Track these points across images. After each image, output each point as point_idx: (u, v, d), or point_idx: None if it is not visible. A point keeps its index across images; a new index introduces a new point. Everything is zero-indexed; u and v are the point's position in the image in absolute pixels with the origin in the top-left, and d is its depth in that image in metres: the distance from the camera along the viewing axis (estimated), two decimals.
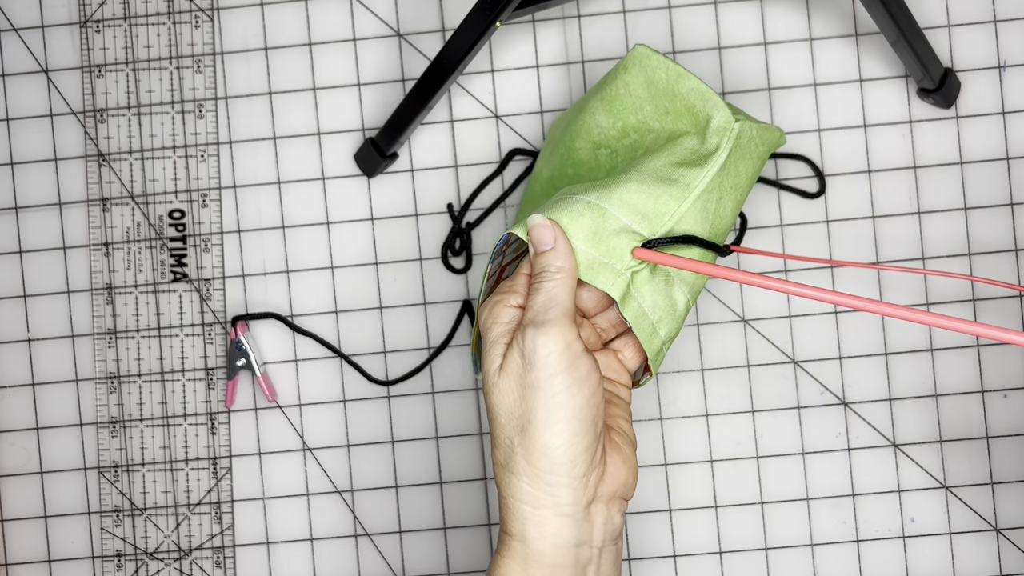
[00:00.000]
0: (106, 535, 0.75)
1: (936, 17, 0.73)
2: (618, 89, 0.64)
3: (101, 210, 0.75)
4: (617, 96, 0.64)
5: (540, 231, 0.55)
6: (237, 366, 0.73)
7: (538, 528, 0.52)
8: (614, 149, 0.65)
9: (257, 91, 0.74)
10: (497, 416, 0.53)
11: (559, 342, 0.52)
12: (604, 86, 0.65)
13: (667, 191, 0.57)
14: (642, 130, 0.64)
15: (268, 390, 0.73)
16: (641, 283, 0.57)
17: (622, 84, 0.64)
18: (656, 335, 0.58)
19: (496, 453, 0.54)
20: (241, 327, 0.73)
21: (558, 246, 0.54)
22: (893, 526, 0.72)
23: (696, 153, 0.60)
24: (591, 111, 0.66)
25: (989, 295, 0.72)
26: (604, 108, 0.65)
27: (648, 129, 0.64)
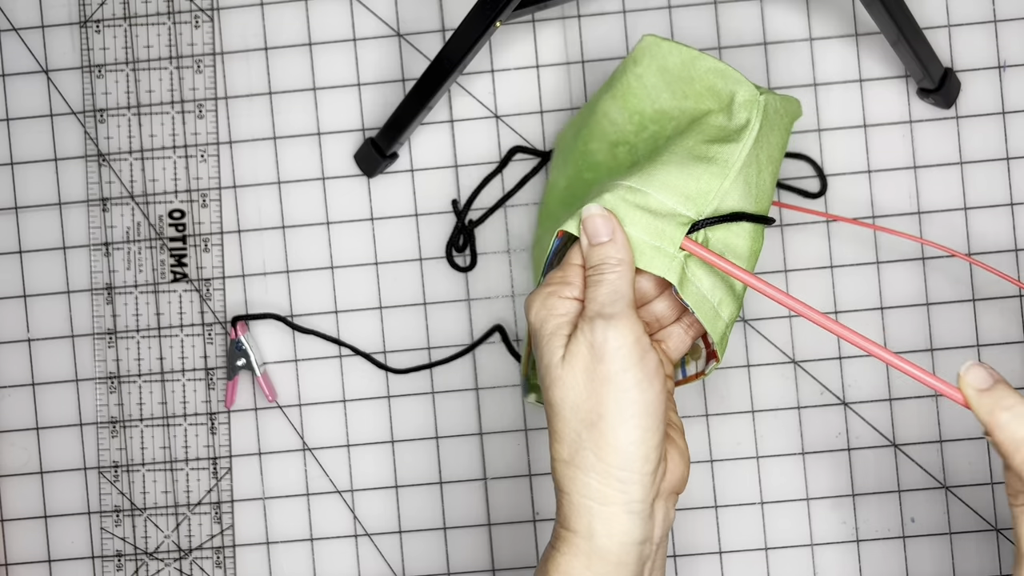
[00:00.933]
0: (106, 535, 0.75)
1: (936, 17, 0.73)
2: (630, 83, 0.64)
3: (101, 210, 0.75)
4: (630, 90, 0.64)
5: (596, 222, 0.54)
6: (237, 366, 0.73)
7: (606, 525, 0.51)
8: (633, 144, 0.64)
9: (257, 91, 0.74)
10: (561, 410, 0.52)
11: (629, 335, 0.51)
12: (614, 83, 0.65)
13: (707, 169, 0.56)
14: (661, 119, 0.63)
15: (268, 390, 0.73)
16: (696, 266, 0.56)
17: (634, 77, 0.63)
18: (719, 318, 0.57)
19: (558, 448, 0.52)
20: (241, 327, 0.73)
21: (616, 237, 0.53)
22: (893, 526, 0.72)
23: (725, 129, 0.59)
24: (603, 111, 0.65)
25: (989, 295, 0.72)
26: (617, 105, 0.65)
27: (668, 117, 0.63)
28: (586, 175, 0.67)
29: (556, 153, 0.71)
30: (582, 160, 0.67)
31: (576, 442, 0.51)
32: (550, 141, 0.74)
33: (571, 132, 0.69)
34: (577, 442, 0.51)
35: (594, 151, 0.66)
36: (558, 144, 0.71)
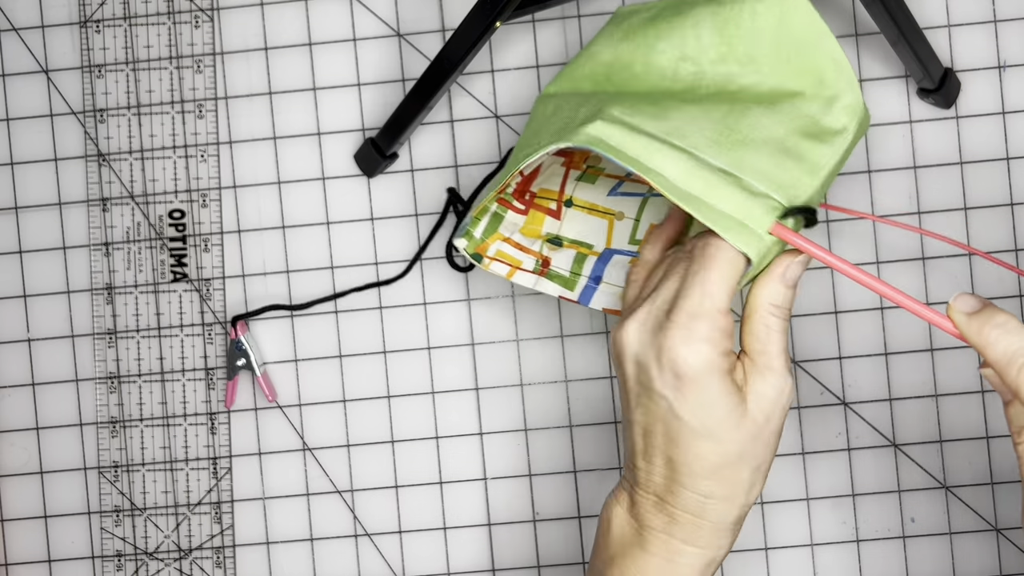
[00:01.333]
0: (106, 535, 0.75)
1: (936, 17, 0.73)
2: (742, 13, 0.59)
3: (101, 210, 0.75)
4: (738, 20, 0.59)
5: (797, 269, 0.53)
6: (237, 366, 0.73)
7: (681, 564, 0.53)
8: (702, 70, 0.60)
9: (257, 91, 0.74)
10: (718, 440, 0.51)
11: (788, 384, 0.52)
12: (724, 3, 0.60)
13: (797, 166, 0.55)
14: (748, 67, 0.59)
15: (268, 390, 0.73)
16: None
17: (749, 10, 0.59)
18: None
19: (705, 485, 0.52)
20: (241, 327, 0.73)
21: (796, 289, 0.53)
22: (893, 526, 0.72)
23: (818, 125, 0.57)
24: (695, 20, 0.60)
25: (989, 295, 0.72)
26: (716, 26, 0.60)
27: (755, 69, 0.59)
28: (637, 68, 0.61)
29: (611, 22, 0.65)
30: (643, 52, 0.61)
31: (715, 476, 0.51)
32: None
33: (644, 13, 0.63)
34: (717, 476, 0.51)
35: (661, 51, 0.61)
36: (618, 13, 0.65)
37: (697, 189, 0.54)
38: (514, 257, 0.63)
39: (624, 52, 0.62)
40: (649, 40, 0.61)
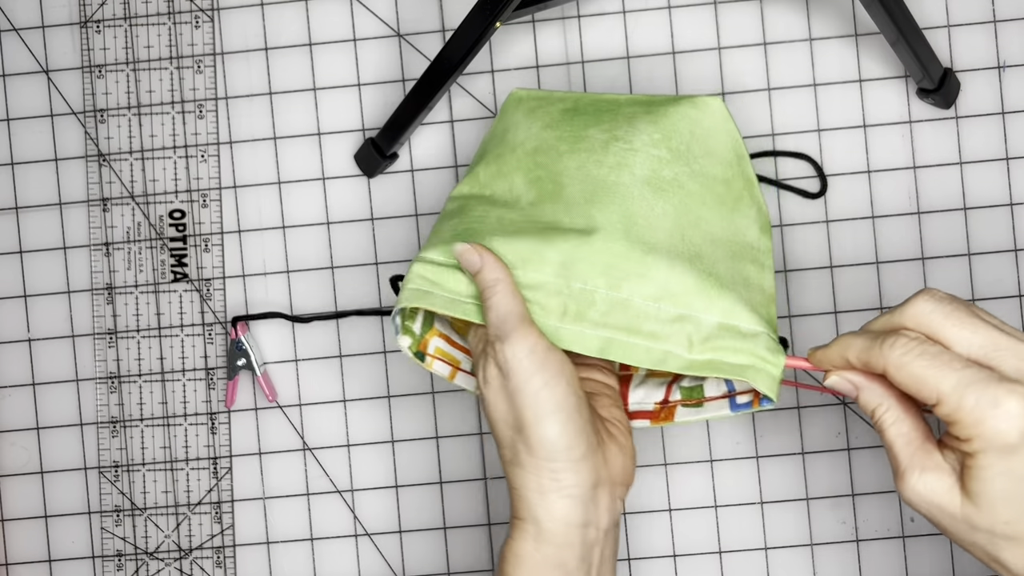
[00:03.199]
0: (106, 535, 0.75)
1: (936, 17, 0.73)
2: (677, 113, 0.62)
3: (101, 210, 0.75)
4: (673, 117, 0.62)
5: (466, 256, 0.58)
6: (237, 366, 0.73)
7: (547, 511, 0.56)
8: (634, 148, 0.61)
9: (257, 91, 0.74)
10: (495, 423, 0.57)
11: (524, 347, 0.56)
12: (655, 107, 0.63)
13: (760, 296, 0.60)
14: (680, 156, 0.62)
15: (268, 390, 0.73)
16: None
17: (682, 113, 0.62)
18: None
19: (502, 452, 0.58)
20: (241, 327, 0.73)
21: (485, 261, 0.58)
22: (893, 526, 0.72)
23: (751, 248, 0.62)
24: (629, 115, 0.63)
25: (989, 295, 0.72)
26: (651, 120, 0.62)
27: (686, 161, 0.62)
28: (563, 147, 0.62)
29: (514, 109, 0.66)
30: (571, 133, 0.63)
31: (512, 445, 0.57)
32: None
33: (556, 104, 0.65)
34: (513, 445, 0.57)
35: (590, 134, 0.62)
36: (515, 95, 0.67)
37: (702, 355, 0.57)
38: (452, 356, 0.63)
39: (549, 138, 0.63)
40: (576, 128, 0.63)
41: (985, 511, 0.48)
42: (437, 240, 0.60)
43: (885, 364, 0.49)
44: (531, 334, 0.56)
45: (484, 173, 0.64)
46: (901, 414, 0.51)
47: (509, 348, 0.56)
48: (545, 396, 0.55)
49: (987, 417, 0.46)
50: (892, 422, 0.51)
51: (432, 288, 0.59)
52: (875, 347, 0.50)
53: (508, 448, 0.57)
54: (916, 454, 0.50)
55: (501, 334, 0.56)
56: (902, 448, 0.50)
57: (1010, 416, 0.46)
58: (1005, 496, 0.47)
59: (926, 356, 0.48)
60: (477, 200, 0.63)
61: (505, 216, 0.61)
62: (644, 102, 0.63)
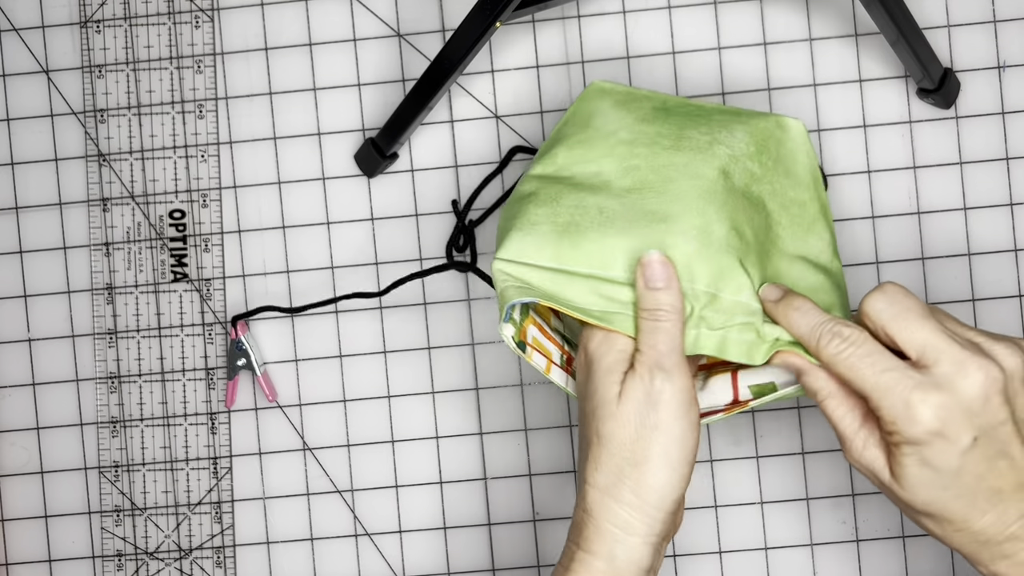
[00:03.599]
0: (106, 535, 0.75)
1: (936, 17, 0.73)
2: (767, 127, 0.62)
3: (101, 210, 0.75)
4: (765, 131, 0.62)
5: (655, 267, 0.55)
6: (237, 366, 0.73)
7: (627, 552, 0.55)
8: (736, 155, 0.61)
9: (257, 91, 0.74)
10: (609, 443, 0.55)
11: (685, 389, 0.55)
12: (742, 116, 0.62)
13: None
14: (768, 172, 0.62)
15: (268, 390, 0.73)
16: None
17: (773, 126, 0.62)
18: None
19: (596, 475, 0.55)
20: (241, 327, 0.73)
21: (671, 284, 0.55)
22: (893, 526, 0.72)
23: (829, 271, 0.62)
24: (723, 122, 0.62)
25: (989, 295, 0.72)
26: (746, 130, 0.61)
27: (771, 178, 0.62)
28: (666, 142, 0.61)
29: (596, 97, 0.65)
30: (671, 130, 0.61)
31: (616, 475, 0.55)
32: None
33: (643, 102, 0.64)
34: (618, 475, 0.55)
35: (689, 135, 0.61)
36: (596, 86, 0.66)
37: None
38: (546, 348, 0.61)
39: (647, 131, 0.61)
40: (674, 127, 0.61)
41: (906, 491, 0.52)
42: (532, 230, 0.58)
43: (821, 356, 0.53)
44: (688, 378, 0.55)
45: (565, 156, 0.62)
46: (842, 399, 0.54)
47: (669, 383, 0.54)
48: (680, 444, 0.54)
49: (900, 419, 0.51)
50: (834, 407, 0.54)
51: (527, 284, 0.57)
52: (815, 339, 0.54)
53: (610, 475, 0.55)
54: (857, 433, 0.54)
55: (665, 363, 0.54)
56: (844, 428, 0.54)
57: (919, 421, 0.50)
58: (920, 482, 0.52)
59: (855, 356, 0.52)
60: (555, 182, 0.61)
61: (605, 206, 0.59)
62: (732, 112, 0.63)
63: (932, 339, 0.51)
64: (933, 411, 0.50)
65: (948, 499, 0.51)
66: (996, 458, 0.51)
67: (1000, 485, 0.51)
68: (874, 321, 0.53)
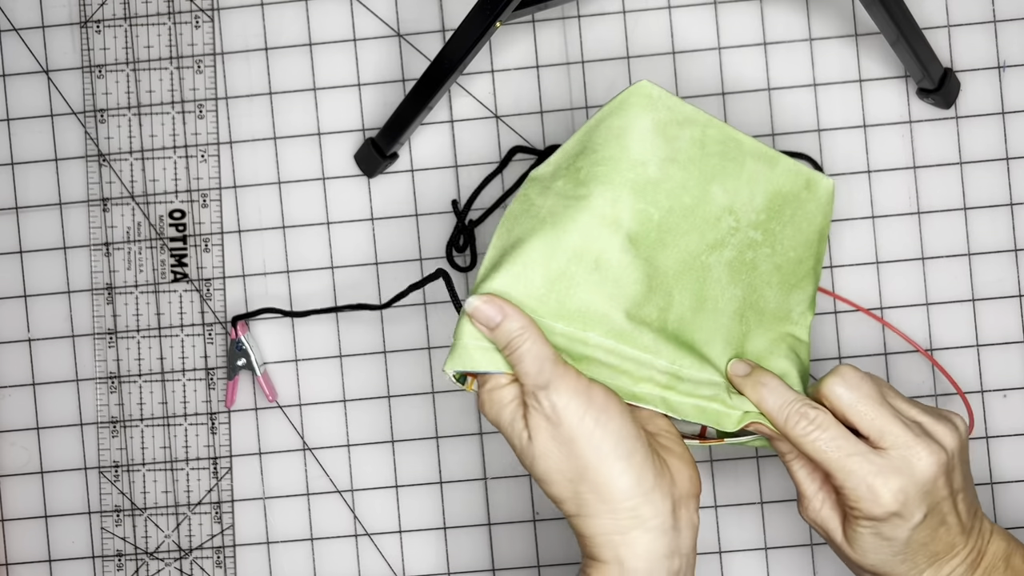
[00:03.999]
0: (106, 535, 0.75)
1: (936, 17, 0.73)
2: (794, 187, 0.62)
3: (101, 210, 0.75)
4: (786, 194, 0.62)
5: (483, 311, 0.56)
6: (237, 366, 0.73)
7: (630, 549, 0.55)
8: (739, 228, 0.61)
9: (257, 91, 0.74)
10: (551, 478, 0.56)
11: (570, 390, 0.55)
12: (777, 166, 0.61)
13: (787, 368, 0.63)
14: (768, 238, 0.62)
15: (268, 390, 0.73)
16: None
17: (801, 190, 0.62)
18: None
19: (564, 508, 0.56)
20: (241, 327, 0.73)
21: (506, 311, 0.56)
22: None
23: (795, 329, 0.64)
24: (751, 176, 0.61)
25: (989, 295, 0.72)
26: (768, 191, 0.61)
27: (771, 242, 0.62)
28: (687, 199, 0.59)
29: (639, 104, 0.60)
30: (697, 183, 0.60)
31: (576, 497, 0.55)
32: (550, 141, 0.74)
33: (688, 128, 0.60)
34: (577, 497, 0.55)
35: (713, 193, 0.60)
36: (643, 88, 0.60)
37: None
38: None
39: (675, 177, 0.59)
40: (704, 179, 0.60)
41: (856, 553, 0.58)
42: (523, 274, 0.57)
43: (788, 435, 0.57)
44: (570, 374, 0.55)
45: (588, 170, 0.59)
46: (804, 463, 0.59)
47: (554, 394, 0.54)
48: (600, 435, 0.54)
49: (863, 500, 0.56)
50: (797, 469, 0.60)
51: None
52: (783, 418, 0.57)
53: (570, 501, 0.55)
54: (816, 494, 0.59)
55: (541, 382, 0.54)
56: (805, 488, 0.59)
57: (881, 503, 0.55)
58: (872, 549, 0.57)
59: (821, 439, 0.56)
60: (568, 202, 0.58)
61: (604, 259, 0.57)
62: (768, 160, 0.61)
63: (887, 425, 0.56)
64: (893, 495, 0.55)
65: (894, 563, 0.57)
66: (938, 527, 0.57)
67: (938, 548, 0.57)
68: (833, 404, 0.57)
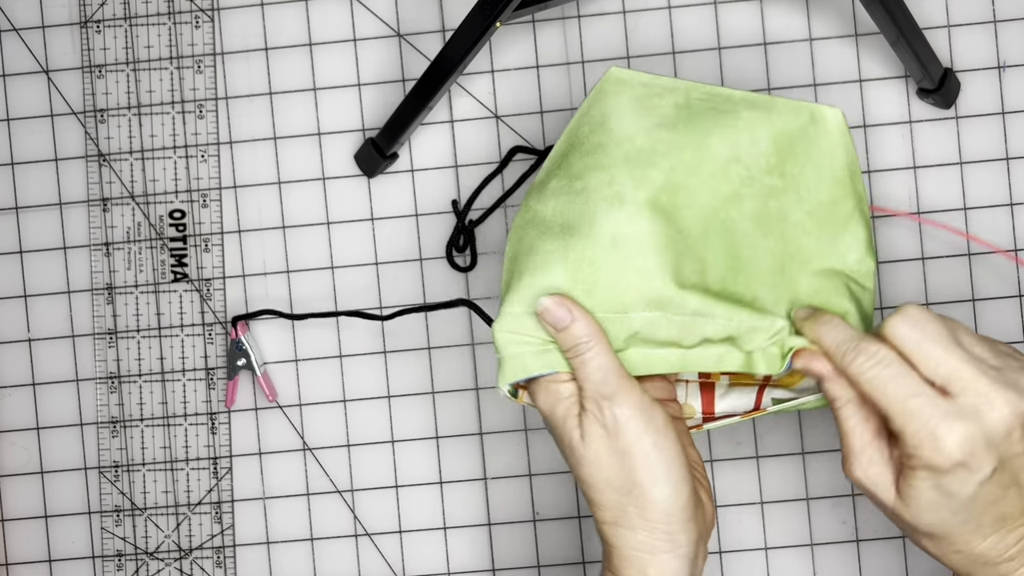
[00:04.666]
0: (106, 535, 0.75)
1: (936, 17, 0.73)
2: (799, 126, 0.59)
3: (101, 210, 0.75)
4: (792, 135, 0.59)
5: (552, 313, 0.55)
6: (237, 366, 0.73)
7: (658, 572, 0.55)
8: (752, 176, 0.58)
9: (257, 91, 0.74)
10: (595, 483, 0.55)
11: (633, 405, 0.54)
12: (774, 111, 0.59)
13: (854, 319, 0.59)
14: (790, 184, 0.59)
15: (268, 390, 0.73)
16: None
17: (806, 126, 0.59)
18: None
19: (601, 513, 0.55)
20: (242, 327, 0.73)
21: (576, 315, 0.55)
22: (893, 526, 0.72)
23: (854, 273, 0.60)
24: (748, 123, 0.58)
25: (988, 295, 0.72)
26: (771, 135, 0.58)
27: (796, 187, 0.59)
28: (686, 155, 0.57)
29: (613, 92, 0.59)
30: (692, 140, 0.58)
31: (618, 507, 0.55)
32: (550, 141, 0.74)
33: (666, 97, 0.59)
34: (619, 507, 0.55)
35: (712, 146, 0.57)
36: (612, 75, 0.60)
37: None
38: None
39: (665, 140, 0.57)
40: (698, 134, 0.58)
41: (912, 512, 0.52)
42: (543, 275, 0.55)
43: (847, 371, 0.53)
44: (636, 390, 0.54)
45: (579, 162, 0.58)
46: (857, 409, 0.53)
47: (618, 407, 0.54)
48: (656, 456, 0.54)
49: (924, 446, 0.50)
50: (848, 416, 0.54)
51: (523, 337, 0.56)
52: (840, 353, 0.53)
53: (612, 510, 0.55)
54: (865, 448, 0.53)
55: (605, 392, 0.54)
56: (854, 440, 0.54)
57: (944, 451, 0.50)
58: (930, 506, 0.52)
59: (882, 376, 0.52)
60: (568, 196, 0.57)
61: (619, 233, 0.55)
62: (763, 105, 0.59)
63: (957, 369, 0.51)
64: (959, 442, 0.50)
65: (955, 523, 0.52)
66: (1008, 486, 0.51)
67: (1007, 511, 0.52)
68: (897, 346, 0.52)
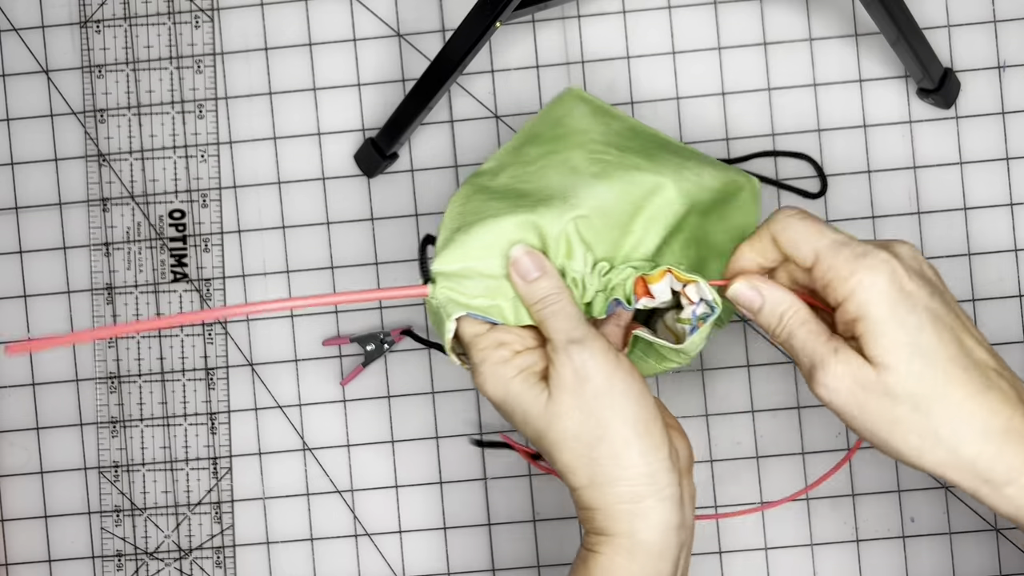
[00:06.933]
0: (106, 535, 0.75)
1: (936, 17, 0.73)
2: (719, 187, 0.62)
3: (101, 210, 0.75)
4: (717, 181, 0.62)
5: (524, 263, 0.55)
6: (368, 351, 0.72)
7: (645, 520, 0.54)
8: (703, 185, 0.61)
9: (257, 91, 0.74)
10: (565, 444, 0.54)
11: (602, 349, 0.54)
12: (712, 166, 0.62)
13: None
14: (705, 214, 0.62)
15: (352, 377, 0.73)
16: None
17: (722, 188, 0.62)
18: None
19: (574, 478, 0.54)
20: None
21: (546, 269, 0.55)
22: (893, 526, 0.72)
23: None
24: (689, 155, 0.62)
25: (989, 295, 0.72)
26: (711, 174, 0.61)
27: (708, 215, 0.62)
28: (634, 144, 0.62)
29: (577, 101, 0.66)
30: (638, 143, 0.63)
31: (591, 464, 0.54)
32: None
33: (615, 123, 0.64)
34: (592, 463, 0.54)
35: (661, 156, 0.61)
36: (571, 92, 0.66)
37: None
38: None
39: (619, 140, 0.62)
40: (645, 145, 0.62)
41: (897, 369, 0.50)
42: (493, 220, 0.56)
43: (770, 231, 0.54)
44: (600, 336, 0.55)
45: (536, 151, 0.62)
46: (807, 315, 0.53)
47: (588, 350, 0.53)
48: (624, 398, 0.53)
49: (859, 266, 0.51)
50: (801, 323, 0.53)
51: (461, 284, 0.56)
52: (761, 227, 0.54)
53: (583, 470, 0.54)
54: (827, 344, 0.52)
55: (576, 336, 0.54)
56: (814, 343, 0.53)
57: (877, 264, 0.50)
58: (904, 344, 0.50)
59: (806, 221, 0.53)
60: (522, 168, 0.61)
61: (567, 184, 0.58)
62: (701, 155, 0.64)
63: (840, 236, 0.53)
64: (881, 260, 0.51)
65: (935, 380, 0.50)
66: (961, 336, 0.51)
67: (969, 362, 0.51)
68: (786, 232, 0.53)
